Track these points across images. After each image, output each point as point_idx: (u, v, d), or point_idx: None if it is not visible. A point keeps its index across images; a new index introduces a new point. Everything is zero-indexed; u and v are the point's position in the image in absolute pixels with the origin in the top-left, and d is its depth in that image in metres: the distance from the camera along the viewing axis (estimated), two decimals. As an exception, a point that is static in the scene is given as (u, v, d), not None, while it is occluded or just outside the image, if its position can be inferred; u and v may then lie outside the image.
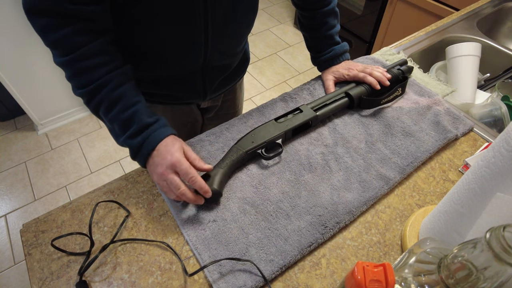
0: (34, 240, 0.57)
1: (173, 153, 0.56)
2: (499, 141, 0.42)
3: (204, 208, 0.60)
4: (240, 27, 0.71)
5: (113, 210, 0.60)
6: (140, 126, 0.57)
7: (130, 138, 0.57)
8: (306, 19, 0.82)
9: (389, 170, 0.65)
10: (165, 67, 0.69)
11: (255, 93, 2.24)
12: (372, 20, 2.05)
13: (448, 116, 0.75)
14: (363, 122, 0.74)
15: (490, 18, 1.13)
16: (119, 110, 0.56)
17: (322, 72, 0.86)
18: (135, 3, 0.57)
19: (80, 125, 2.04)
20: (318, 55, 0.84)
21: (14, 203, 1.69)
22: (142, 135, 0.57)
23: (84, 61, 0.54)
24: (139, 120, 0.57)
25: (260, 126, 0.68)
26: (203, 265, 0.52)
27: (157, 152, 0.57)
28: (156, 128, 0.58)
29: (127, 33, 0.62)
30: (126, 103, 0.57)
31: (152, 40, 0.63)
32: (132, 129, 0.57)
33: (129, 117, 0.57)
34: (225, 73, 0.78)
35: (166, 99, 0.78)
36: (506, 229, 0.31)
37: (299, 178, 0.64)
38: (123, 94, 0.57)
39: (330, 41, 0.82)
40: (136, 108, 0.57)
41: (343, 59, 0.83)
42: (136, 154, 0.58)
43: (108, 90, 0.56)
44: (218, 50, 0.69)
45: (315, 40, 0.84)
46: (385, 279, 0.35)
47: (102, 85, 0.55)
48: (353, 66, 0.81)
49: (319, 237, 0.56)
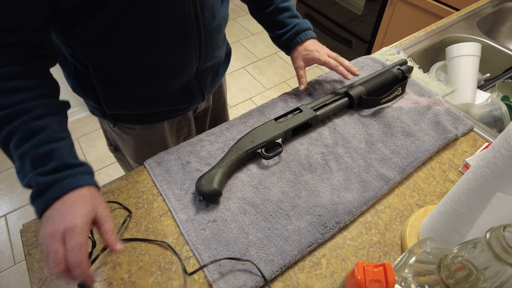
0: (34, 240, 0.57)
1: (74, 216, 0.43)
2: (499, 141, 0.42)
3: (204, 208, 0.60)
4: (222, 19, 0.69)
5: (113, 211, 0.60)
6: (59, 164, 0.46)
7: (41, 175, 0.45)
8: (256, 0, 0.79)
9: (389, 170, 0.65)
10: (162, 84, 0.67)
11: (255, 93, 2.24)
12: (372, 20, 2.05)
13: (448, 116, 0.75)
14: (363, 122, 0.74)
15: (490, 18, 1.13)
16: (36, 143, 0.45)
17: (291, 55, 0.80)
18: (125, 33, 0.55)
19: (80, 125, 2.04)
20: (281, 33, 0.78)
21: (14, 203, 1.69)
22: (58, 175, 0.45)
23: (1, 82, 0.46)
24: (59, 157, 0.46)
25: (260, 126, 0.68)
26: (202, 265, 0.52)
27: (59, 205, 0.44)
28: (78, 172, 0.47)
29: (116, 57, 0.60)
30: (48, 137, 0.47)
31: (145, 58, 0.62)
32: (48, 167, 0.45)
33: (48, 153, 0.46)
34: (213, 70, 0.77)
35: (167, 114, 0.76)
36: (506, 229, 0.31)
37: (299, 178, 0.64)
38: (45, 126, 0.47)
39: (289, 13, 0.77)
40: (59, 145, 0.47)
41: (310, 35, 0.78)
42: (39, 195, 0.45)
43: (27, 119, 0.46)
44: (209, 50, 0.68)
45: (272, 15, 0.78)
46: (385, 279, 0.35)
47: (21, 112, 0.46)
48: (321, 49, 0.76)
49: (319, 237, 0.56)
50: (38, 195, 0.45)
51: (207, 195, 0.59)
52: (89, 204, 0.45)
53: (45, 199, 0.45)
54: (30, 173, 0.45)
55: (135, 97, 0.69)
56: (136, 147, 0.82)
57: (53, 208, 0.44)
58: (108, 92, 0.67)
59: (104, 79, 0.65)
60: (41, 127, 0.47)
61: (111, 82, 0.65)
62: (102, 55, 0.60)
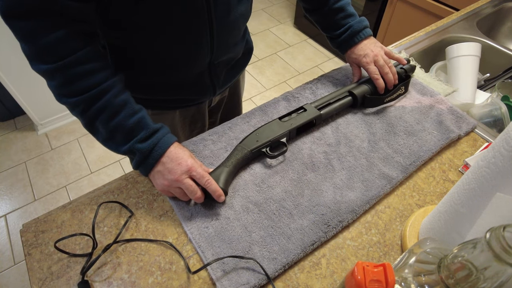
0: (34, 240, 0.57)
1: (186, 159, 0.56)
2: (499, 141, 0.42)
3: (207, 206, 0.60)
4: (239, 15, 0.69)
5: (113, 211, 0.60)
6: (149, 131, 0.56)
7: (139, 142, 0.56)
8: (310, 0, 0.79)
9: (391, 169, 0.65)
10: (174, 70, 0.68)
11: (255, 93, 2.24)
12: (372, 20, 2.05)
13: (451, 115, 0.75)
14: (365, 121, 0.74)
15: (490, 18, 1.13)
16: (125, 117, 0.54)
17: (346, 56, 0.81)
18: (134, 11, 0.56)
19: (80, 125, 2.02)
20: (336, 35, 0.79)
21: (14, 203, 1.69)
22: (152, 139, 0.56)
23: (79, 66, 0.51)
24: (147, 125, 0.56)
25: (264, 125, 0.69)
26: (206, 263, 0.52)
27: (167, 159, 0.56)
28: (164, 133, 0.58)
29: (133, 39, 0.62)
30: (131, 109, 0.55)
31: (159, 43, 0.62)
32: (141, 134, 0.56)
33: (136, 123, 0.55)
34: (229, 65, 0.77)
35: (179, 103, 0.77)
36: (506, 229, 0.31)
37: (302, 177, 0.64)
38: (127, 101, 0.55)
39: (342, 13, 0.77)
40: (142, 114, 0.56)
41: (364, 35, 0.77)
42: (144, 160, 0.57)
43: (110, 96, 0.53)
44: (222, 44, 0.68)
45: (325, 16, 0.78)
46: (385, 279, 0.35)
47: (103, 92, 0.53)
48: (370, 54, 0.75)
49: (322, 235, 0.56)
50: (143, 161, 0.56)
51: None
52: (186, 150, 0.59)
53: (150, 161, 0.56)
54: (126, 143, 0.55)
55: (147, 81, 0.70)
56: None
57: (162, 163, 0.56)
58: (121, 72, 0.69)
59: (117, 60, 0.66)
60: (123, 103, 0.55)
61: (124, 64, 0.67)
62: (116, 37, 0.62)
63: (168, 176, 0.56)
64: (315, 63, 2.46)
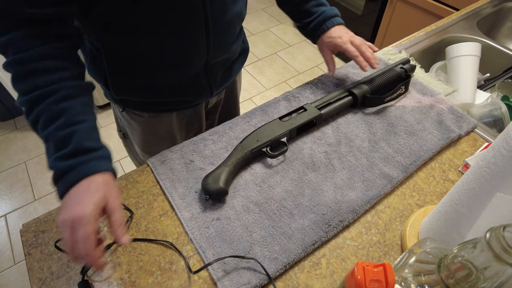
0: (34, 240, 0.57)
1: (86, 204, 0.43)
2: (499, 141, 0.42)
3: (208, 206, 0.60)
4: (235, 15, 0.69)
5: (113, 210, 0.60)
6: (76, 148, 0.46)
7: (61, 159, 0.46)
8: None
9: (392, 169, 0.65)
10: (171, 71, 0.68)
11: (255, 93, 2.24)
12: (372, 20, 2.06)
13: (452, 115, 0.75)
14: (366, 121, 0.75)
15: (490, 18, 1.13)
16: (58, 126, 0.47)
17: (317, 43, 0.80)
18: (132, 11, 0.56)
19: (80, 125, 2.04)
20: (307, 22, 0.78)
21: (14, 203, 1.69)
22: (75, 160, 0.46)
23: (31, 63, 0.47)
24: (77, 141, 0.47)
25: (264, 125, 0.69)
26: (207, 263, 0.53)
27: (74, 191, 0.45)
28: (94, 157, 0.47)
29: (128, 41, 0.61)
30: (67, 120, 0.47)
31: (155, 44, 0.62)
32: (66, 150, 0.46)
33: (67, 136, 0.47)
34: (225, 66, 0.77)
35: (175, 105, 0.77)
36: (506, 229, 0.31)
37: (303, 177, 0.64)
38: (66, 109, 0.48)
39: (315, 2, 0.77)
40: (78, 128, 0.47)
41: (336, 22, 0.76)
42: (56, 181, 0.47)
43: (50, 101, 0.47)
44: (218, 44, 0.68)
45: (297, 4, 0.78)
46: (385, 279, 0.35)
47: (46, 95, 0.47)
48: (345, 35, 0.74)
49: (322, 235, 0.56)
50: (58, 179, 0.46)
51: (214, 194, 0.59)
52: (101, 192, 0.45)
53: (64, 184, 0.46)
54: (52, 156, 0.47)
55: (143, 84, 0.70)
56: (143, 135, 0.83)
57: (69, 194, 0.45)
58: (116, 75, 0.68)
59: (112, 62, 0.66)
60: (63, 110, 0.47)
61: (119, 66, 0.66)
62: (111, 39, 0.61)
63: (62, 211, 0.44)
64: (315, 63, 2.46)
